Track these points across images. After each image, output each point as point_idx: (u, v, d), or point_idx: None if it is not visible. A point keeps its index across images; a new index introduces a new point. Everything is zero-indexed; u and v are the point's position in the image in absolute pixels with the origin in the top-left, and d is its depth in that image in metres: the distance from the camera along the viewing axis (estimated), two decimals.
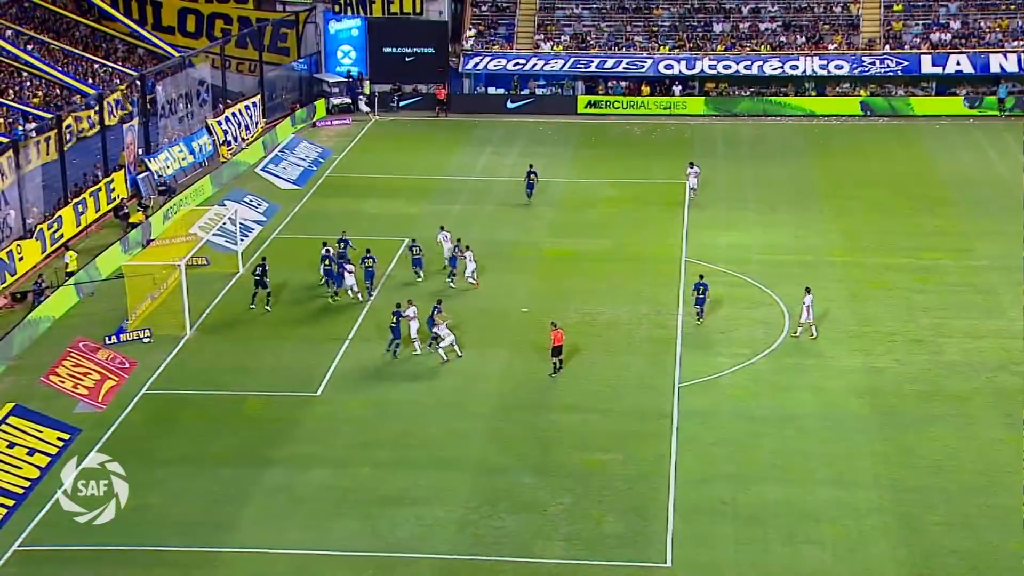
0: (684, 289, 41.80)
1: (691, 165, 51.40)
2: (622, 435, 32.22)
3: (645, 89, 69.17)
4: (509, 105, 69.34)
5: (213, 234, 44.27)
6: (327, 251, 42.06)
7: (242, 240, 46.02)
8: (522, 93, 70.15)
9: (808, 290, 37.66)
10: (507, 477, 30.26)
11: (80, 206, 47.41)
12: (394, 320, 36.43)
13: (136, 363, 36.34)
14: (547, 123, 67.29)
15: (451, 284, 41.59)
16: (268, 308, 40.24)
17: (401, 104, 70.08)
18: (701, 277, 38.58)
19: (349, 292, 40.71)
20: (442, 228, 44.81)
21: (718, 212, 49.72)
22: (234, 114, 60.98)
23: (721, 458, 31.04)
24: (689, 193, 50.75)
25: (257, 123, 63.65)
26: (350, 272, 40.71)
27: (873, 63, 66.93)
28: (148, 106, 55.46)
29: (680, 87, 68.92)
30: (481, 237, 47.53)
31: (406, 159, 60.31)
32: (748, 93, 68.40)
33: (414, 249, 43.30)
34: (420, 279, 42.15)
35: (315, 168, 58.79)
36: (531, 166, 52.19)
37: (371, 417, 33.42)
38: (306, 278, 43.18)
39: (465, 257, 41.72)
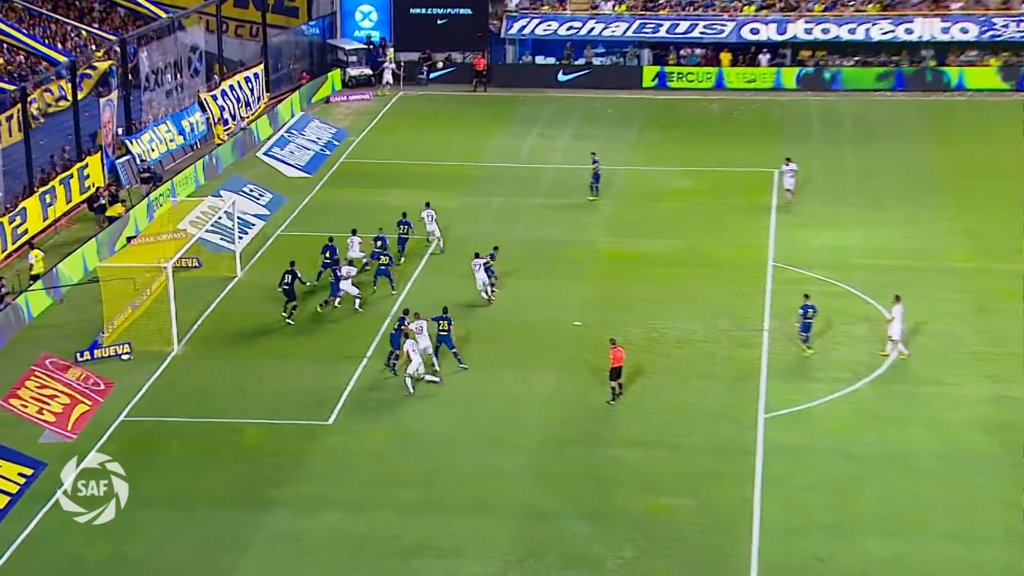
0: (771, 300, 41.59)
1: (787, 161, 50.46)
2: (695, 476, 32.05)
3: (725, 58, 69.02)
4: (561, 78, 69.49)
5: (206, 230, 44.76)
6: (330, 247, 42.39)
7: (241, 238, 46.43)
8: (576, 63, 70.32)
9: (898, 298, 37.32)
10: (556, 525, 30.19)
11: (47, 196, 48.08)
12: (396, 328, 37.00)
13: (113, 384, 36.68)
14: (606, 99, 67.26)
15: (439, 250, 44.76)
16: (289, 320, 40.57)
17: (431, 76, 70.51)
18: (807, 297, 38.00)
19: (355, 301, 40.99)
20: (427, 205, 46.09)
21: (813, 207, 49.43)
22: (232, 87, 61.58)
23: (815, 505, 30.78)
24: (785, 195, 50.10)
25: (259, 98, 64.24)
26: (346, 277, 40.89)
27: (1007, 25, 66.20)
28: (130, 77, 56.19)
29: (768, 55, 68.66)
30: (526, 235, 47.58)
31: (437, 142, 60.55)
32: (851, 63, 67.98)
33: (402, 227, 44.72)
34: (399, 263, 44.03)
35: (328, 152, 59.20)
36: (595, 154, 51.80)
37: (393, 451, 33.50)
38: (316, 283, 43.38)
39: (474, 268, 41.61)
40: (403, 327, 36.65)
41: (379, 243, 43.18)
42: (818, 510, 30.49)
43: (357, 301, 40.96)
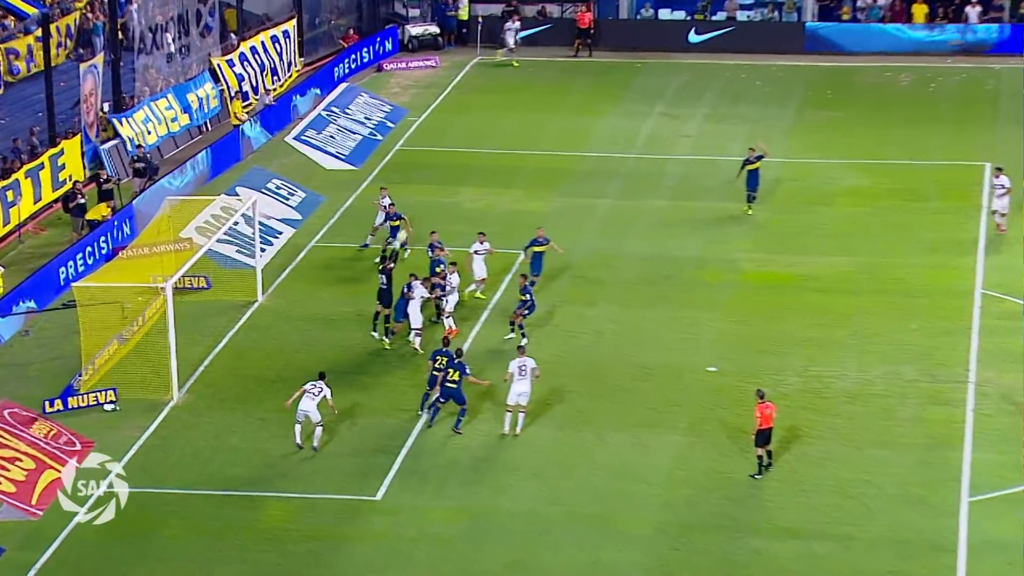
0: (979, 341, 41.10)
1: (998, 173, 48.71)
2: None
3: (919, 10, 68.52)
4: (692, 38, 69.53)
5: (217, 240, 45.17)
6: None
7: (263, 250, 46.91)
8: (714, 19, 70.23)
9: None
10: None
11: (9, 193, 48.86)
12: (433, 365, 37.45)
13: (93, 443, 36.95)
14: (753, 66, 67.02)
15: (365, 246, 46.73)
16: (386, 340, 41.67)
17: (519, 36, 70.80)
18: None
19: (411, 336, 41.37)
20: (382, 188, 48.03)
21: (1007, 176, 48.72)
22: (254, 49, 62.29)
23: None
24: (994, 222, 48.43)
25: (291, 64, 64.93)
26: (414, 299, 41.19)
27: None
28: (119, 35, 56.95)
29: (979, 8, 68.03)
30: (644, 250, 47.56)
31: (525, 125, 60.76)
32: None
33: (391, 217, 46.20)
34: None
35: (380, 137, 59.69)
36: (754, 150, 51.19)
37: (461, 537, 33.53)
38: (363, 308, 43.72)
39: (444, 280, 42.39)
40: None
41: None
42: None
43: (417, 339, 41.23)
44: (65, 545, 33.13)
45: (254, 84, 61.67)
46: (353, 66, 67.03)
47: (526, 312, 41.13)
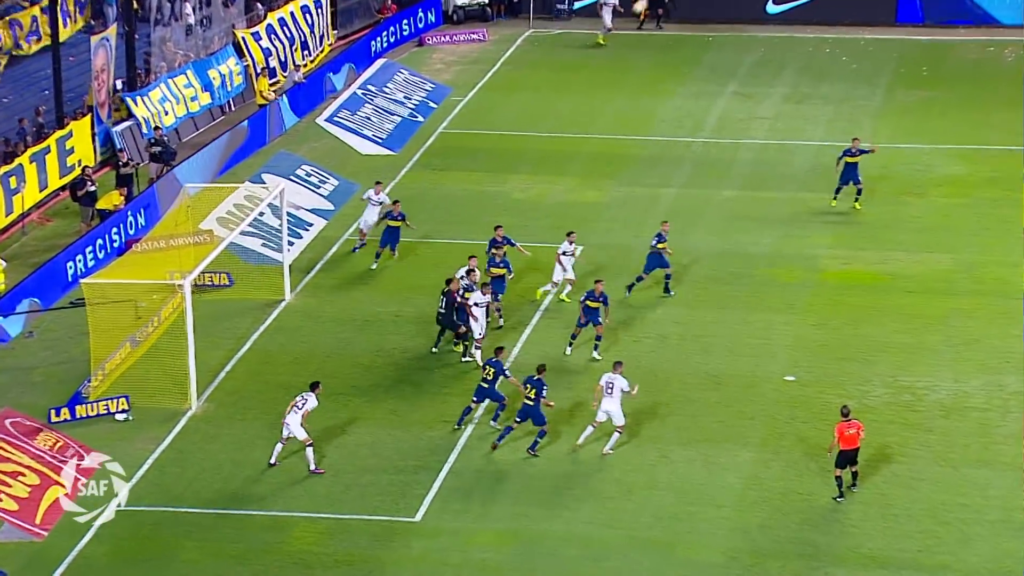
0: None
1: None
2: None
3: None
4: (771, 8, 69.42)
5: (241, 232, 45.33)
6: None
7: (292, 243, 47.07)
8: None
9: None
10: None
11: (13, 179, 49.11)
12: (488, 374, 37.63)
13: (104, 457, 37.29)
14: (839, 40, 66.80)
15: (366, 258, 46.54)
16: (464, 357, 41.49)
17: (575, 7, 70.84)
18: None
19: (473, 343, 41.45)
20: (377, 183, 48.05)
21: None
22: (282, 21, 62.52)
23: None
24: None
25: (323, 38, 65.13)
26: (478, 305, 41.30)
27: None
28: (134, 5, 57.19)
29: None
30: (713, 246, 47.52)
31: (581, 105, 60.79)
32: None
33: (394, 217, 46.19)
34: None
35: (421, 118, 59.82)
36: (857, 140, 50.49)
37: (510, 563, 33.57)
38: (401, 309, 43.84)
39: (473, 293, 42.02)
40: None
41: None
42: None
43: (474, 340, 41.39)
44: (72, 569, 33.30)
45: (282, 59, 61.86)
46: (392, 40, 67.22)
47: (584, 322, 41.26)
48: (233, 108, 59.76)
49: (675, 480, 36.20)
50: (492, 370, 37.52)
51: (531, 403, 36.95)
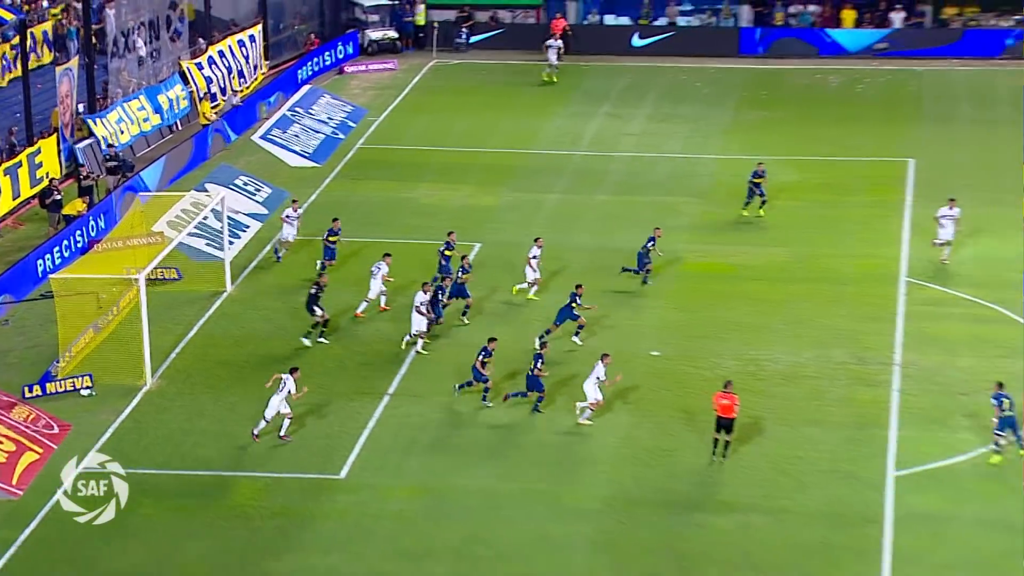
0: (904, 326, 41.41)
1: (951, 204, 45.60)
2: (804, 550, 31.88)
3: (848, 16, 68.79)
4: (636, 42, 69.64)
5: (188, 233, 45.06)
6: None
7: (231, 243, 46.77)
8: (656, 24, 70.36)
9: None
10: None
11: None
12: (480, 360, 37.26)
13: (70, 427, 36.94)
14: (693, 69, 67.18)
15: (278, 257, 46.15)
16: (321, 340, 41.11)
17: (471, 41, 70.79)
18: (1001, 387, 35.33)
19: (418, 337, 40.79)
20: (294, 201, 47.73)
21: (960, 207, 48.97)
22: (222, 53, 62.10)
23: None
24: (940, 251, 45.58)
25: (256, 67, 64.73)
26: (421, 304, 40.46)
27: None
28: (93, 40, 56.70)
29: (903, 13, 68.37)
30: (590, 242, 47.60)
31: (479, 124, 60.75)
32: (1011, 23, 67.53)
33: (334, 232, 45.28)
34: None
35: (341, 136, 59.56)
36: (760, 165, 50.03)
37: (421, 513, 33.54)
38: (326, 300, 43.63)
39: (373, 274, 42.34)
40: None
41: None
42: None
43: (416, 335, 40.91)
44: (44, 524, 33.01)
45: (222, 86, 61.47)
46: (316, 69, 66.88)
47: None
48: (180, 128, 59.34)
49: (560, 440, 36.28)
50: (482, 355, 37.26)
51: (531, 372, 37.15)
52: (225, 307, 44.01)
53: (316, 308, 40.99)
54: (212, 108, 60.08)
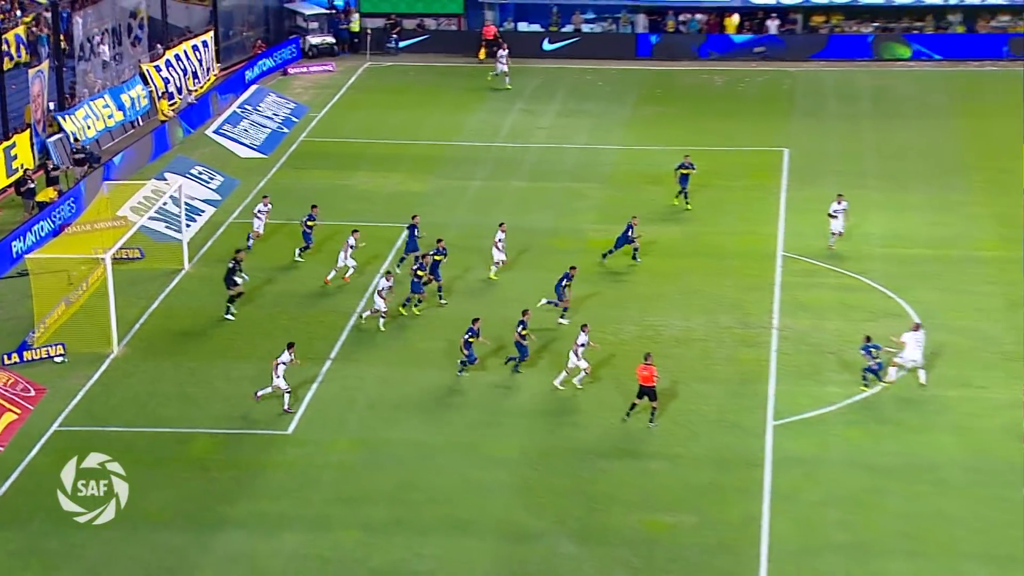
0: (780, 294, 41.82)
1: (839, 199, 44.73)
2: (696, 490, 32.23)
3: (730, 23, 69.15)
4: (546, 46, 69.56)
5: (149, 217, 44.70)
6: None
7: (188, 226, 46.41)
8: (564, 30, 70.34)
9: (918, 327, 36.56)
10: (541, 545, 30.30)
11: None
12: (467, 338, 36.68)
13: (45, 390, 36.65)
14: (596, 70, 67.30)
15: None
16: (229, 314, 40.75)
17: (400, 45, 70.43)
18: (868, 339, 36.17)
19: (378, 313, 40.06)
20: (265, 197, 46.67)
21: (827, 190, 49.41)
22: (177, 56, 61.46)
23: (830, 523, 30.98)
24: (830, 239, 44.74)
25: (209, 69, 64.12)
26: (381, 292, 39.82)
27: None
28: (63, 45, 55.99)
29: (777, 21, 68.85)
30: (508, 223, 47.60)
31: (408, 119, 60.51)
32: (870, 29, 68.23)
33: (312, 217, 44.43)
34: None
35: (286, 130, 59.14)
36: (687, 156, 49.17)
37: (360, 463, 33.56)
38: (274, 275, 43.45)
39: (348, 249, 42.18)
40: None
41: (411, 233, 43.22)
42: (832, 528, 30.68)
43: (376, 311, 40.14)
44: (24, 474, 32.80)
45: (178, 86, 60.87)
46: (262, 71, 66.30)
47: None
48: (141, 123, 58.72)
49: (483, 398, 36.41)
50: (469, 334, 36.80)
51: (517, 338, 36.97)
52: (183, 283, 43.67)
53: (236, 279, 40.54)
54: (170, 106, 59.54)
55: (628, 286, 42.85)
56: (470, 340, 36.89)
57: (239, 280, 40.72)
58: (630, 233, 43.99)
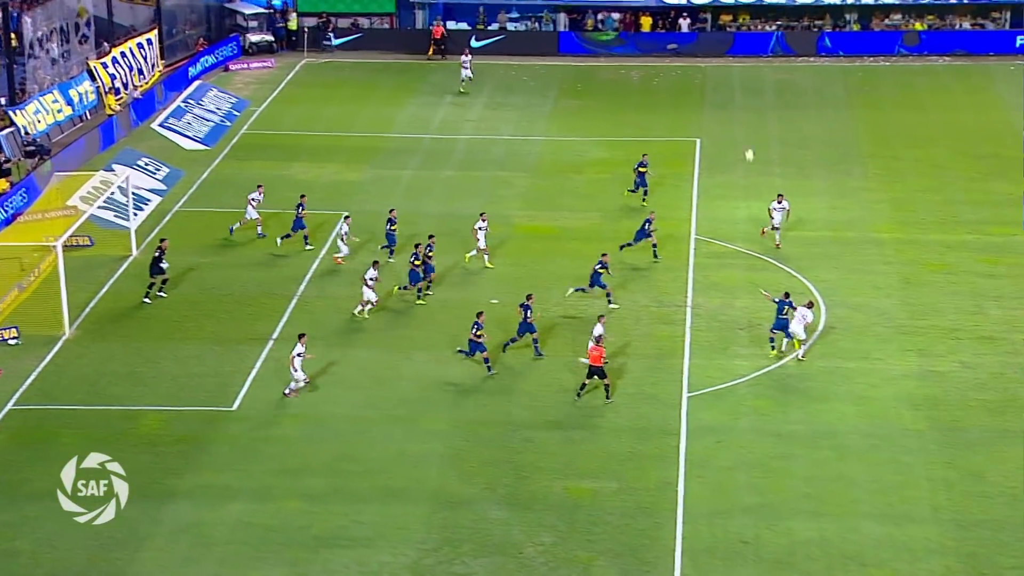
0: (694, 275, 42.05)
1: (779, 199, 43.84)
2: (616, 458, 32.36)
3: (645, 22, 69.34)
4: (473, 43, 69.30)
5: (98, 207, 44.17)
6: (416, 254, 40.48)
7: (135, 214, 45.87)
8: (489, 28, 70.18)
9: (810, 304, 36.91)
10: (472, 511, 30.32)
11: None
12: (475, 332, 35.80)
13: (1, 371, 36.17)
14: (521, 66, 67.24)
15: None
16: (160, 295, 40.27)
17: (336, 43, 69.91)
18: (787, 295, 36.74)
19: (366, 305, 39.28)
20: (259, 186, 45.92)
21: (736, 177, 49.90)
22: (123, 54, 60.66)
23: (740, 486, 31.24)
24: (775, 236, 43.73)
25: (154, 66, 63.32)
26: (368, 281, 39.01)
27: None
28: (13, 43, 55.08)
29: (688, 19, 69.13)
30: (438, 210, 47.56)
31: (344, 113, 60.12)
32: (774, 27, 68.72)
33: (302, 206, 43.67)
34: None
35: (228, 123, 58.54)
36: (644, 156, 48.14)
37: (300, 437, 33.39)
38: (218, 260, 43.04)
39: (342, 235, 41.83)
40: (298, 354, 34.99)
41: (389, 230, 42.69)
42: (743, 491, 30.95)
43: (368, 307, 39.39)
44: None
45: (124, 81, 60.07)
46: (204, 67, 65.59)
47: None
48: (89, 117, 57.91)
49: (416, 374, 36.34)
50: (475, 327, 36.05)
51: (524, 321, 36.50)
52: (131, 269, 43.15)
53: (162, 266, 40.05)
54: (116, 100, 58.79)
55: (552, 268, 42.85)
56: (480, 333, 35.82)
57: (164, 267, 40.23)
58: (648, 227, 43.04)
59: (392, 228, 43.20)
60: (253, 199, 45.52)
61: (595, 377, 34.61)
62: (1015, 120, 56.39)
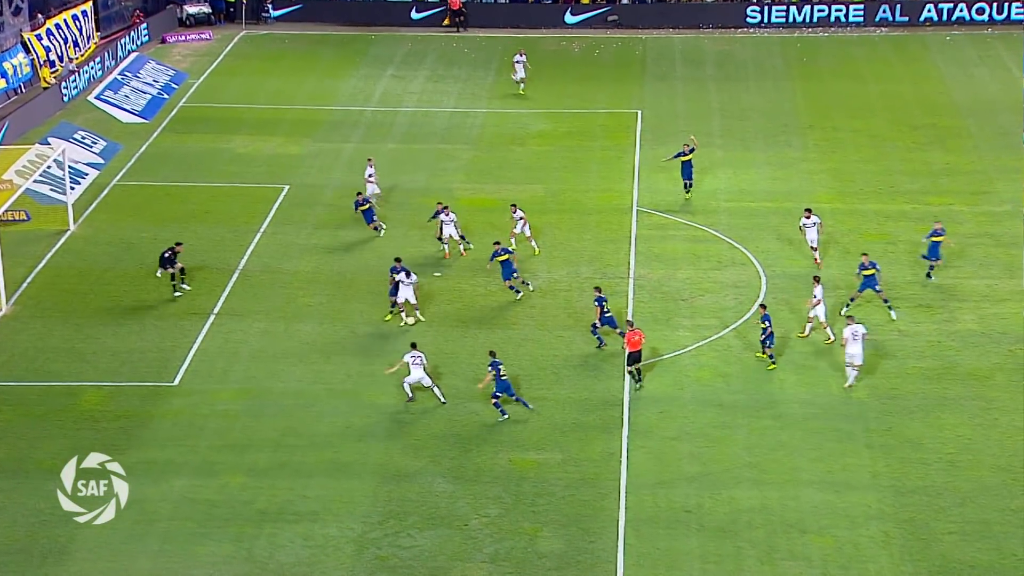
0: (636, 247, 42.22)
1: (808, 213, 40.50)
2: (560, 429, 32.52)
3: None
4: (414, 15, 69.01)
5: (34, 181, 43.61)
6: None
7: (72, 188, 45.33)
8: (429, 0, 69.84)
9: (817, 280, 36.51)
10: (417, 484, 30.37)
11: None
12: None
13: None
14: (463, 38, 67.00)
15: None
16: (184, 286, 39.19)
17: (274, 15, 69.31)
18: (764, 308, 35.47)
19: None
20: (369, 159, 45.43)
21: (676, 149, 49.98)
22: (58, 26, 59.80)
23: (683, 456, 31.48)
24: (815, 253, 40.75)
25: (89, 38, 62.48)
26: (406, 284, 37.10)
27: None
28: None
29: None
30: (381, 183, 47.31)
31: (285, 85, 59.69)
32: None
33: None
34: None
35: (166, 96, 57.91)
36: (687, 144, 45.66)
37: (244, 412, 33.25)
38: (157, 236, 42.66)
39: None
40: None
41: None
42: (685, 461, 31.21)
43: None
44: None
45: (60, 54, 59.22)
46: (141, 39, 64.81)
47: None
48: (24, 91, 57.09)
49: (361, 347, 36.26)
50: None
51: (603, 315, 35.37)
52: (69, 244, 42.70)
53: (174, 262, 39.01)
54: (51, 73, 57.95)
55: (496, 239, 42.80)
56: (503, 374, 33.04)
57: (179, 266, 39.11)
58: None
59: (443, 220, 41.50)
60: (370, 175, 44.48)
61: (634, 364, 33.89)
62: (952, 90, 56.99)
